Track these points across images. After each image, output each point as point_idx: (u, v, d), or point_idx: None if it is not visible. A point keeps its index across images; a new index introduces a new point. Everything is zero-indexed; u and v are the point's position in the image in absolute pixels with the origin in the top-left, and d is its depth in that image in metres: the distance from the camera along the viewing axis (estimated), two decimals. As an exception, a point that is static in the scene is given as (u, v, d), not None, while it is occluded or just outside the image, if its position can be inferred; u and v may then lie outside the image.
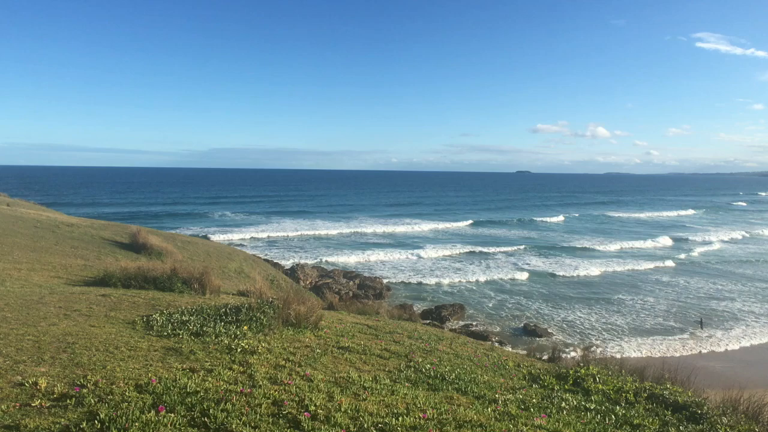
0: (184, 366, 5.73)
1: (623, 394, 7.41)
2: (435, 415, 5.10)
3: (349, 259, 40.29)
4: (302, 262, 36.83)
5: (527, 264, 39.55)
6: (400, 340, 9.48)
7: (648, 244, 51.38)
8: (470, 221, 67.61)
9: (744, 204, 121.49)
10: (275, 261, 36.15)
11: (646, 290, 32.26)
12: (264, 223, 61.87)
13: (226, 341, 6.91)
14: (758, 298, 30.84)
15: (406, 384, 6.41)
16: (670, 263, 40.96)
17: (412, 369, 7.23)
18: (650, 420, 6.33)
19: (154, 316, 7.85)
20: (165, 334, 7.02)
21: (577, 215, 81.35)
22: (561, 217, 76.33)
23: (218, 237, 46.90)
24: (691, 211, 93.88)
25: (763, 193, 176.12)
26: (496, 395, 6.38)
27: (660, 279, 35.44)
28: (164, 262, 13.91)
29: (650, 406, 7.16)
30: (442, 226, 62.23)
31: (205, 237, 43.65)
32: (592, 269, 37.56)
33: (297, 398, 5.11)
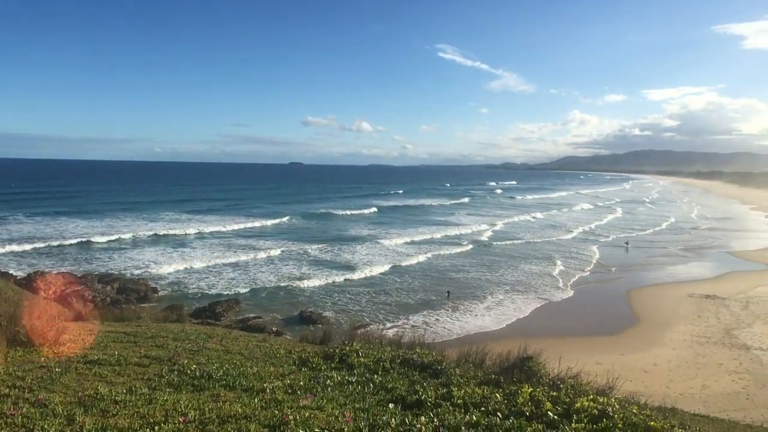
0: None
1: (381, 364, 8.23)
2: (197, 417, 4.89)
3: (111, 262, 35.63)
4: (44, 269, 31.11)
5: (321, 258, 40.10)
6: (164, 343, 8.82)
7: (451, 231, 56.17)
8: (262, 216, 65.13)
9: (500, 191, 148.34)
10: (3, 270, 29.81)
11: (425, 272, 35.68)
12: (-14, 225, 50.18)
13: None
14: (508, 269, 37.51)
15: (168, 390, 5.99)
16: (468, 247, 45.80)
17: (176, 372, 6.79)
18: (401, 382, 7.18)
19: None
20: None
21: (373, 208, 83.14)
22: (375, 210, 78.80)
23: None
24: (466, 199, 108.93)
25: (507, 182, 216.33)
26: (265, 384, 6.43)
27: (450, 263, 39.06)
28: None
29: (403, 370, 8.11)
30: (230, 225, 59.23)
31: None
32: (391, 259, 39.40)
33: (24, 430, 4.33)
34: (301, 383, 6.70)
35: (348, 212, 74.51)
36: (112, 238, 44.94)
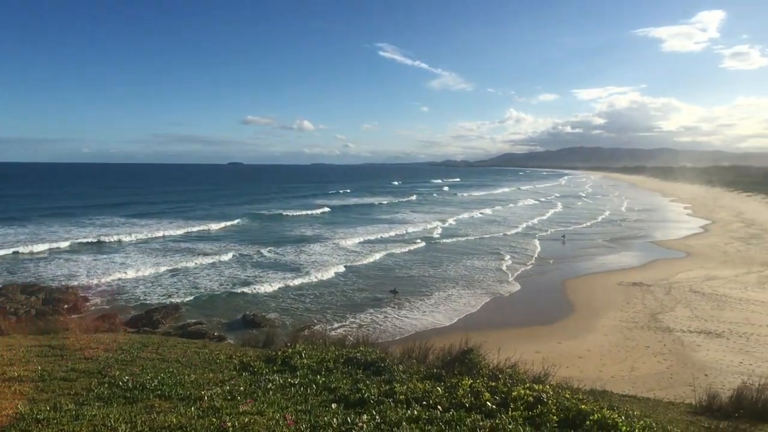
0: None
1: (325, 364, 8.20)
2: (128, 430, 4.68)
3: (36, 272, 33.29)
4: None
5: (270, 260, 38.44)
6: (94, 355, 8.38)
7: (402, 229, 56.01)
8: (206, 218, 61.71)
9: (447, 188, 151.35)
10: None
11: (377, 271, 35.27)
12: None
13: None
14: (457, 268, 38.10)
15: (97, 404, 5.70)
16: (420, 245, 45.92)
17: (107, 385, 6.47)
18: (345, 381, 7.17)
19: None
20: None
21: (325, 207, 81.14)
22: (323, 210, 76.98)
23: None
24: (414, 197, 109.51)
25: (451, 179, 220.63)
26: (203, 392, 6.25)
27: (402, 261, 38.81)
28: None
29: (347, 369, 8.11)
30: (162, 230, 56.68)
31: None
32: (344, 258, 38.53)
33: (-70, 457, 3.99)
34: (242, 388, 6.56)
35: (299, 213, 72.45)
36: (38, 246, 41.90)
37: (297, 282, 31.75)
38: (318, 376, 7.39)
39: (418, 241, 48.07)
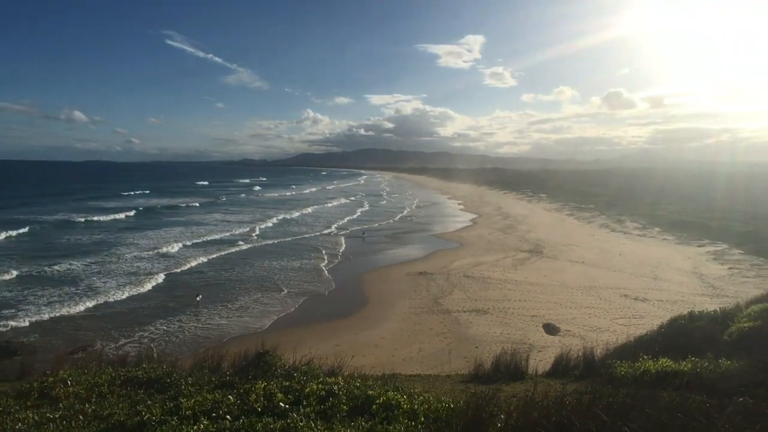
0: None
1: (97, 389, 7.16)
2: None
3: None
4: None
5: (49, 277, 32.02)
6: None
7: (219, 232, 53.08)
8: None
9: (258, 188, 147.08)
10: None
11: (192, 278, 32.83)
12: None
13: None
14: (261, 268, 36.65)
15: None
16: (242, 247, 44.52)
17: None
18: (121, 405, 6.35)
19: None
20: None
21: (132, 211, 71.81)
22: (127, 213, 67.61)
23: None
24: (224, 197, 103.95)
25: (258, 179, 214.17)
26: None
27: (222, 265, 36.95)
28: None
29: (125, 391, 7.20)
30: None
31: None
32: (153, 267, 35.01)
33: None
34: (-23, 436, 5.32)
35: (94, 218, 61.43)
36: None
37: (83, 299, 27.20)
38: (87, 405, 6.40)
39: (240, 243, 46.71)
